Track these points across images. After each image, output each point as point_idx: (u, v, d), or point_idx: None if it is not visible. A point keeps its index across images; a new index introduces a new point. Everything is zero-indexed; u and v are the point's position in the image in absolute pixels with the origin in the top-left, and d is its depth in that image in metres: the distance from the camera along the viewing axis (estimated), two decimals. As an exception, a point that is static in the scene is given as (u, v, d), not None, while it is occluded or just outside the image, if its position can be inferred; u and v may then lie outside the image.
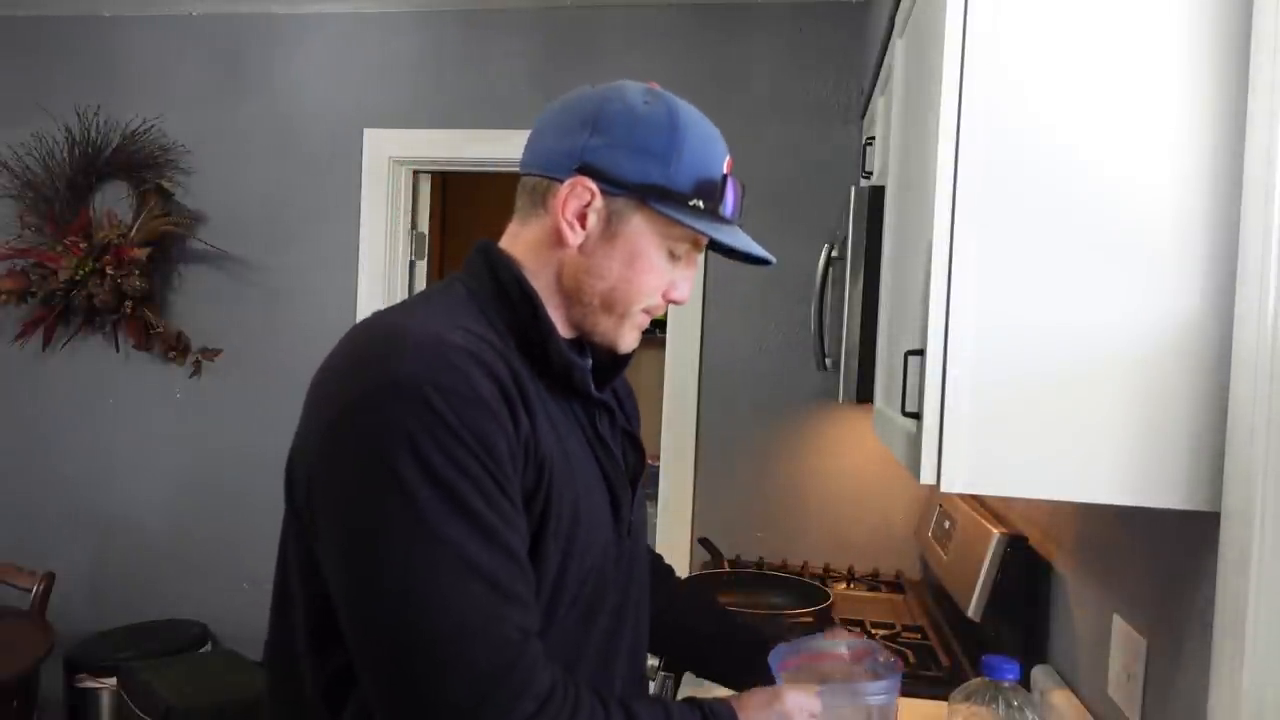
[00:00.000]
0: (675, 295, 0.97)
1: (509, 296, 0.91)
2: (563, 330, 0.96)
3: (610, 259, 0.92)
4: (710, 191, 0.92)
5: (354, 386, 0.79)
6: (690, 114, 0.94)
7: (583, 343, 1.01)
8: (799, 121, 2.55)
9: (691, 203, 0.91)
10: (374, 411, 0.77)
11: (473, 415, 0.76)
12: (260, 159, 2.83)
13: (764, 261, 0.99)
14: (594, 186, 0.90)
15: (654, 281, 0.94)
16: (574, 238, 0.92)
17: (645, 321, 0.98)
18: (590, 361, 1.03)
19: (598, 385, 1.02)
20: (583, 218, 0.91)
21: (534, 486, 0.83)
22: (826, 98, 2.54)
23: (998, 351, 0.93)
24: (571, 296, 0.94)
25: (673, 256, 0.94)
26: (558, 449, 0.88)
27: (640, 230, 0.92)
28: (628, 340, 0.98)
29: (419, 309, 0.91)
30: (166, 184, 2.83)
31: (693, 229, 0.91)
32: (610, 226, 0.91)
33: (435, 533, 0.74)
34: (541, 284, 0.94)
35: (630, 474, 1.03)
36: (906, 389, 1.02)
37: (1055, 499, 0.98)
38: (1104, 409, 0.91)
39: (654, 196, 0.90)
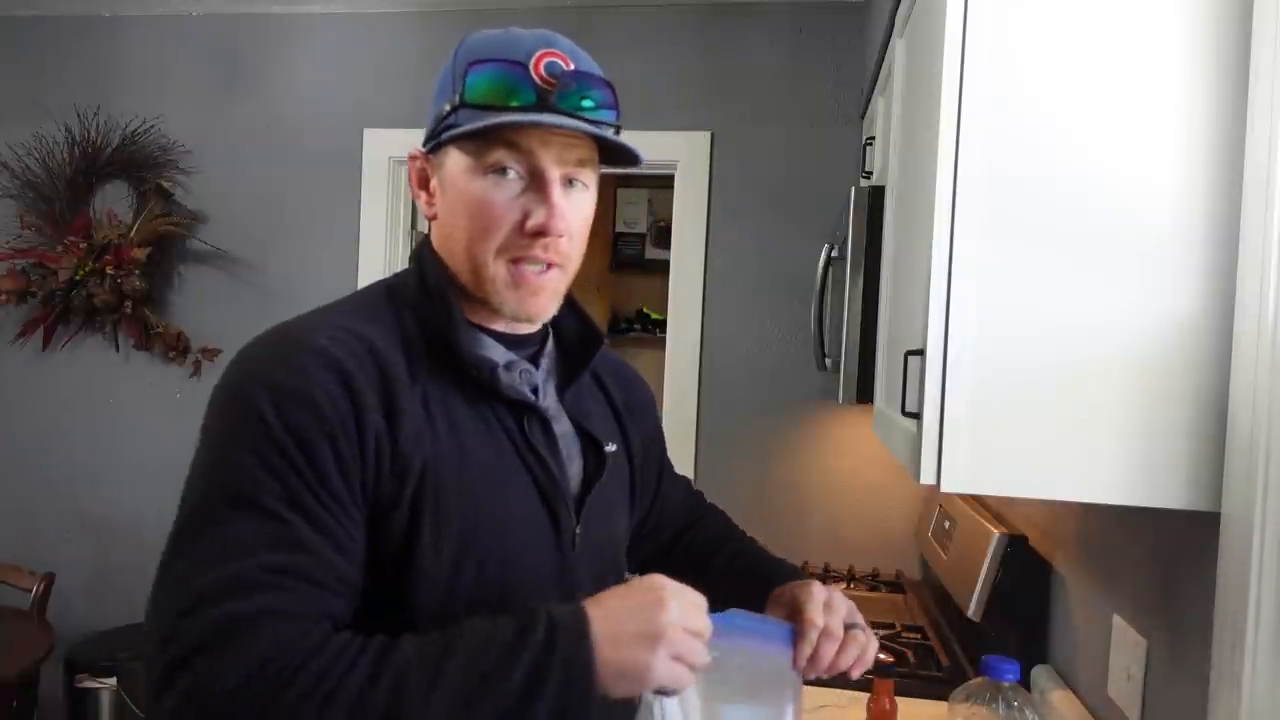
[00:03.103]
0: (532, 223, 0.83)
1: (429, 294, 0.88)
2: (494, 321, 0.90)
3: (453, 214, 0.87)
4: (473, 85, 0.82)
5: (218, 383, 0.81)
6: (479, 36, 0.87)
7: (549, 336, 0.97)
8: (799, 121, 2.55)
9: (454, 106, 0.83)
10: (216, 405, 0.80)
11: (296, 415, 0.75)
12: (260, 159, 2.83)
13: (624, 150, 0.86)
14: (419, 151, 0.90)
15: (488, 215, 0.84)
16: (426, 208, 0.91)
17: (532, 277, 0.86)
18: (541, 361, 0.95)
19: (567, 379, 0.97)
20: (426, 186, 0.90)
21: (395, 494, 0.79)
22: (826, 98, 2.54)
23: (998, 351, 0.93)
24: (455, 269, 0.88)
25: (498, 171, 0.83)
26: (453, 457, 0.83)
27: (454, 170, 0.86)
28: (511, 301, 0.86)
29: (321, 311, 0.89)
30: (166, 184, 2.83)
31: (461, 133, 0.82)
32: (441, 182, 0.88)
33: (212, 514, 0.74)
34: (451, 269, 0.89)
35: (586, 481, 0.95)
36: (906, 389, 1.02)
37: (1055, 499, 0.98)
38: (1104, 409, 0.91)
39: (446, 128, 0.85)
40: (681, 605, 0.74)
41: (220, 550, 0.72)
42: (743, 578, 1.07)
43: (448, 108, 0.85)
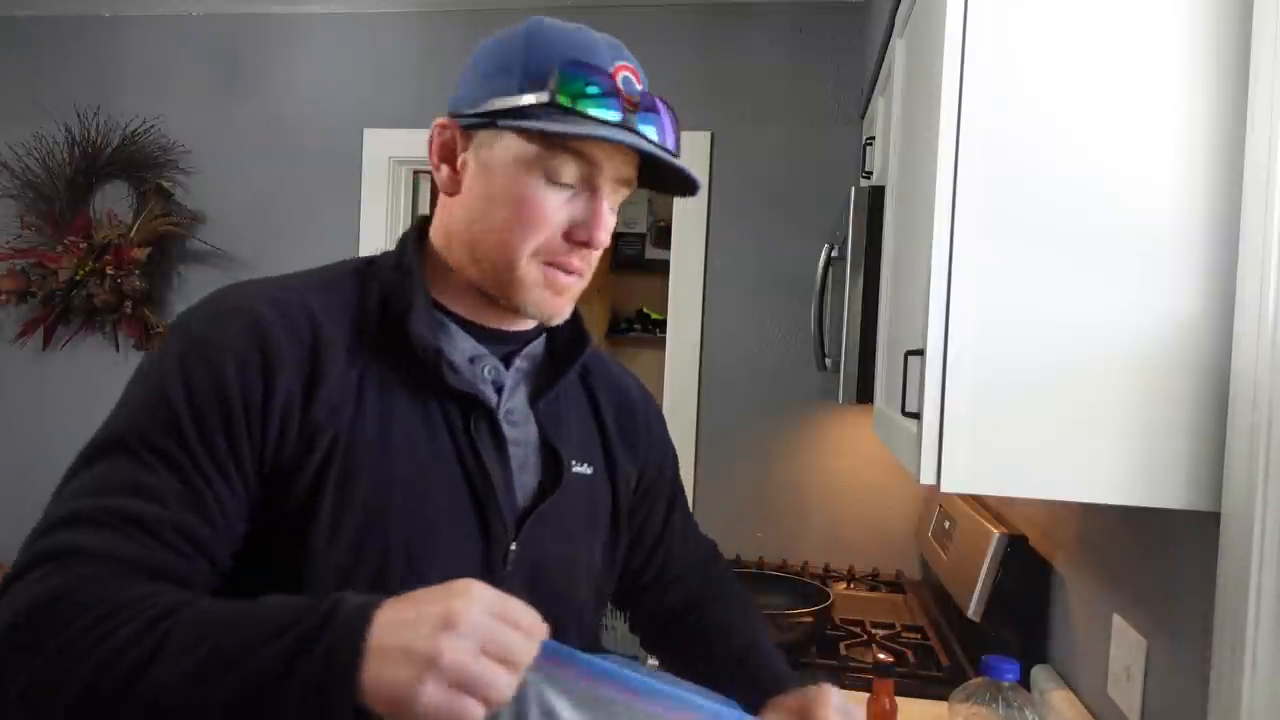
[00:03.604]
0: (579, 235, 0.82)
1: (400, 274, 0.86)
2: (477, 313, 0.88)
3: (490, 201, 0.82)
4: (571, 87, 0.78)
5: None
6: (556, 27, 0.83)
7: (539, 339, 0.93)
8: (799, 121, 2.55)
9: (541, 102, 0.79)
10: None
11: (196, 369, 0.75)
12: (260, 159, 2.83)
13: (686, 181, 0.84)
14: (452, 121, 0.85)
15: (536, 217, 0.81)
16: (447, 183, 0.86)
17: (563, 280, 0.84)
18: (517, 360, 0.91)
19: (549, 382, 0.92)
20: (451, 159, 0.86)
21: (298, 459, 0.77)
22: (826, 98, 2.54)
23: (998, 351, 0.93)
24: (472, 256, 0.85)
25: (555, 183, 0.81)
26: (373, 440, 0.80)
27: (506, 158, 0.81)
28: (536, 299, 0.84)
29: (284, 276, 0.89)
30: (166, 184, 2.83)
31: (549, 132, 0.78)
32: (481, 163, 0.83)
33: (93, 451, 0.75)
34: (454, 252, 0.87)
35: (538, 491, 0.89)
36: (906, 389, 1.02)
37: (1055, 499, 0.98)
38: (1104, 409, 0.91)
39: (506, 114, 0.80)
40: (482, 624, 0.61)
41: (81, 487, 0.73)
42: (747, 676, 0.95)
43: (531, 100, 0.79)
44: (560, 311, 0.87)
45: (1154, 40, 0.90)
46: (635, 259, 4.33)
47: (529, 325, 0.91)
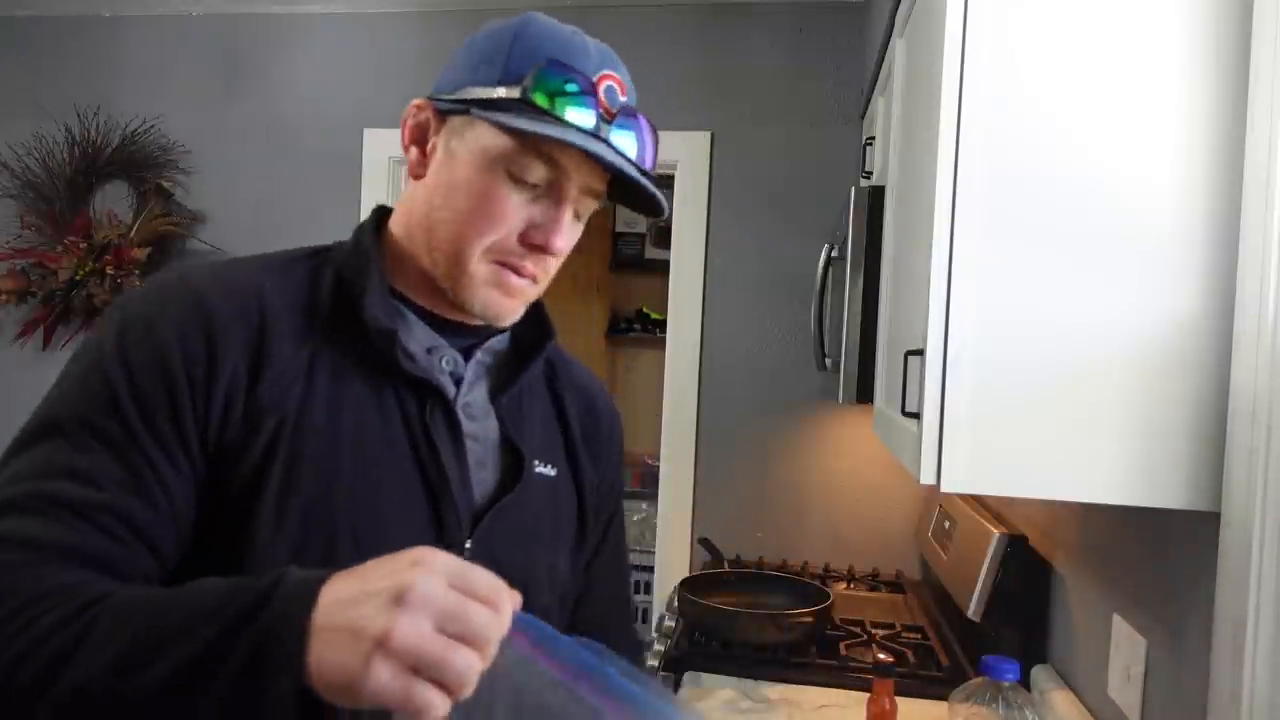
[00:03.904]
0: (535, 238, 0.80)
1: (356, 259, 0.85)
2: (436, 304, 0.85)
3: (451, 190, 0.80)
4: (545, 86, 0.76)
5: None
6: (547, 25, 0.82)
7: (502, 336, 0.90)
8: (799, 121, 2.55)
9: (514, 97, 0.77)
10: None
11: (135, 345, 0.74)
12: (260, 159, 2.83)
13: (654, 201, 0.83)
14: (427, 103, 0.84)
15: (493, 213, 0.79)
16: (415, 165, 0.84)
17: (514, 283, 0.82)
18: (476, 354, 0.88)
19: (513, 373, 0.89)
20: (422, 142, 0.84)
21: (243, 442, 0.74)
22: (826, 98, 2.54)
23: (998, 351, 0.93)
24: (427, 244, 0.83)
25: (519, 182, 0.79)
26: (321, 423, 0.77)
27: (474, 148, 0.79)
28: (484, 298, 0.82)
29: (236, 259, 0.86)
30: (166, 184, 2.83)
31: (514, 128, 0.76)
32: (450, 150, 0.81)
33: (29, 434, 0.73)
34: (412, 239, 0.85)
35: (497, 489, 0.86)
36: (906, 389, 1.02)
37: (1055, 499, 0.98)
38: (1104, 409, 0.91)
39: (480, 104, 0.78)
40: (440, 598, 0.54)
41: (15, 473, 0.71)
42: None
43: (503, 94, 0.78)
44: (508, 313, 0.84)
45: (1154, 40, 0.91)
46: (635, 259, 4.32)
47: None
